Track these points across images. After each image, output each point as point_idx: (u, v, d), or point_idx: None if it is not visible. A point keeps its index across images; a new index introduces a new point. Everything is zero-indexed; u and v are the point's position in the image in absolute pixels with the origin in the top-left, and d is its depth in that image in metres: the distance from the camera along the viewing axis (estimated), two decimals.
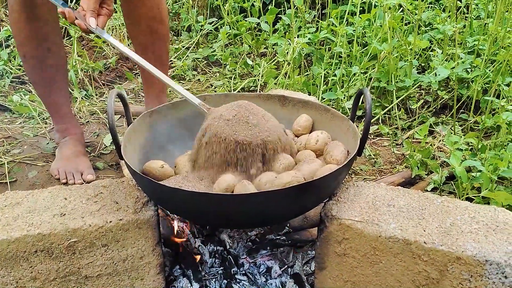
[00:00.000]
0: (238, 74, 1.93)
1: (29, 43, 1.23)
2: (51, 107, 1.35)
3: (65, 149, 1.35)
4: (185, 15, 2.24)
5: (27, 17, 1.19)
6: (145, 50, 1.40)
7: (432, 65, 1.57)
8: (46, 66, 1.26)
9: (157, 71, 1.01)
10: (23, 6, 1.17)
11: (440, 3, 2.00)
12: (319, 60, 1.83)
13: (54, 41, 1.26)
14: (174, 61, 2.01)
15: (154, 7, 1.33)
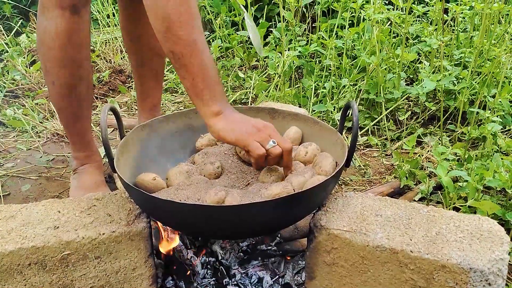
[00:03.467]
0: (230, 86, 1.96)
1: (61, 70, 1.14)
2: (74, 135, 1.26)
3: (84, 178, 1.26)
4: None
5: (68, 43, 1.11)
6: (142, 65, 1.42)
7: (420, 77, 1.60)
8: (76, 94, 1.18)
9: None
10: (68, 32, 1.10)
11: (427, 16, 2.04)
12: (309, 72, 1.86)
13: (86, 67, 1.19)
14: (167, 74, 2.03)
15: (154, 35, 1.36)
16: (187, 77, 0.88)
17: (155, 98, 1.48)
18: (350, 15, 1.80)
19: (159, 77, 1.47)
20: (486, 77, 1.47)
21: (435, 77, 1.35)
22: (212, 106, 0.89)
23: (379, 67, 1.61)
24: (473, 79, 1.60)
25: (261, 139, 0.90)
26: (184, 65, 0.87)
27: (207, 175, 1.05)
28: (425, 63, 1.70)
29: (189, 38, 0.86)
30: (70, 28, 1.09)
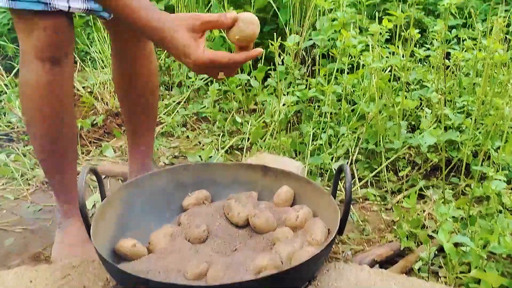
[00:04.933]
0: (227, 131, 1.91)
1: (42, 122, 1.10)
2: (58, 188, 1.19)
3: (69, 234, 1.18)
4: (177, 71, 2.25)
5: (49, 94, 1.07)
6: (134, 103, 1.38)
7: (422, 127, 1.54)
8: (58, 146, 1.13)
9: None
10: (48, 84, 1.06)
11: (429, 59, 2.00)
12: (308, 118, 1.81)
13: (69, 118, 1.14)
14: (163, 117, 1.99)
15: (146, 77, 1.33)
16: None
17: (147, 150, 1.43)
18: (350, 59, 1.76)
19: (152, 116, 1.42)
20: (490, 128, 1.41)
21: (435, 132, 1.29)
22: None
23: (379, 115, 1.56)
24: (476, 129, 1.54)
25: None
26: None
27: (192, 239, 0.99)
28: (426, 111, 1.65)
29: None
30: (51, 79, 1.06)
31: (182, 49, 0.84)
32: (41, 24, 1.02)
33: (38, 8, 0.98)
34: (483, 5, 2.36)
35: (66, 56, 1.08)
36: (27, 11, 0.99)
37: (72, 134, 1.17)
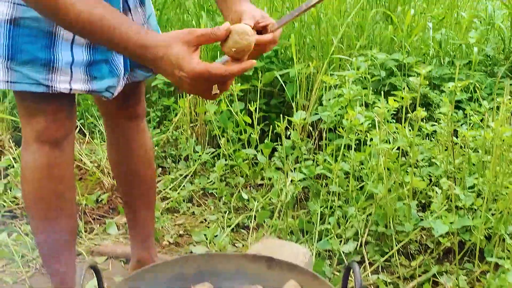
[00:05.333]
0: (233, 207, 1.88)
1: (39, 203, 1.09)
2: (54, 273, 1.16)
3: None
4: (184, 144, 2.25)
5: (47, 176, 1.07)
6: (133, 194, 1.37)
7: (432, 208, 1.51)
8: (56, 229, 1.12)
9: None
10: (47, 166, 1.06)
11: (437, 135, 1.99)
12: (315, 195, 1.78)
13: (69, 200, 1.13)
14: (169, 192, 1.97)
15: (142, 152, 1.32)
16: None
17: (148, 229, 1.40)
18: (357, 135, 1.76)
19: (150, 205, 1.40)
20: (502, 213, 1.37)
21: (447, 219, 1.25)
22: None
23: (388, 195, 1.53)
24: (488, 210, 1.50)
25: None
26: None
27: None
28: (436, 191, 1.61)
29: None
30: (50, 162, 1.06)
31: (176, 62, 0.79)
32: (42, 107, 1.02)
33: (39, 91, 0.98)
34: (488, 80, 2.38)
35: (66, 137, 1.08)
36: (29, 94, 0.99)
37: (71, 216, 1.16)
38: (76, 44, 0.99)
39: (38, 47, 0.95)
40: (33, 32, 0.95)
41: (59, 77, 0.98)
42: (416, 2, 2.72)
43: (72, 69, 0.99)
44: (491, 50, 2.59)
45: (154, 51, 0.80)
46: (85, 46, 1.00)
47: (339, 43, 2.46)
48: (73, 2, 0.78)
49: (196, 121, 2.39)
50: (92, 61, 1.01)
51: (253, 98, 2.40)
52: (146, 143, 1.33)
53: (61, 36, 0.96)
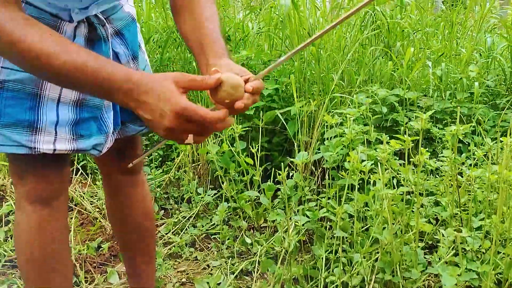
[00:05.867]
0: (237, 251, 1.85)
1: (31, 264, 1.07)
2: None
3: None
4: (186, 186, 2.24)
5: (39, 236, 1.05)
6: (132, 247, 1.35)
7: (440, 253, 1.47)
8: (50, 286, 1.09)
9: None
10: (39, 225, 1.04)
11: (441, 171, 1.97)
12: (319, 238, 1.75)
13: (63, 259, 1.11)
14: (172, 237, 1.94)
15: (139, 205, 1.31)
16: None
17: (149, 281, 1.38)
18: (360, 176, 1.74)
19: (151, 259, 1.38)
20: None
21: (454, 271, 1.22)
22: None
23: (394, 240, 1.50)
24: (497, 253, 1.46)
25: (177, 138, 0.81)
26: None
27: None
28: (443, 233, 1.58)
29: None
30: (41, 222, 1.04)
31: (162, 96, 0.76)
32: (30, 167, 1.01)
33: (22, 152, 0.96)
34: (492, 113, 2.37)
35: (58, 196, 1.06)
36: (16, 155, 0.98)
37: (65, 280, 1.13)
38: (62, 103, 0.98)
39: (22, 109, 0.94)
40: (17, 94, 0.94)
41: (43, 138, 0.96)
42: (415, 37, 2.73)
43: (57, 128, 0.97)
44: (492, 82, 2.59)
45: (141, 83, 0.78)
46: (71, 105, 0.99)
47: (339, 80, 2.47)
48: (54, 53, 0.77)
49: (198, 161, 2.39)
50: (79, 120, 1.00)
51: (255, 137, 2.40)
52: (144, 195, 1.31)
53: (46, 97, 0.96)
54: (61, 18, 0.93)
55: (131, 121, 1.13)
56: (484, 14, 2.82)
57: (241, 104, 0.81)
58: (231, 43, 2.85)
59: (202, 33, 0.95)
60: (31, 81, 0.93)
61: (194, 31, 0.97)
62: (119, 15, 1.07)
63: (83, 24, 0.97)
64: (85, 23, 0.97)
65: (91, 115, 1.01)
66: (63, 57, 0.77)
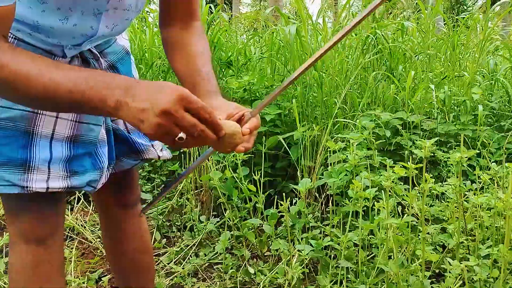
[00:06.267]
0: (240, 281, 1.81)
1: None
2: None
3: None
4: (189, 213, 2.22)
5: (33, 275, 1.02)
6: (129, 283, 1.32)
7: (447, 284, 1.43)
8: None
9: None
10: (33, 264, 1.01)
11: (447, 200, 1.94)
12: (324, 268, 1.72)
13: None
14: (174, 267, 1.91)
15: (137, 238, 1.29)
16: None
17: None
18: (364, 204, 1.72)
19: (148, 286, 1.35)
20: None
21: None
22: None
23: (399, 272, 1.46)
24: (506, 282, 1.42)
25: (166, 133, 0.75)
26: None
27: None
28: (450, 262, 1.54)
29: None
30: (35, 261, 1.01)
31: (158, 86, 0.74)
32: (24, 206, 0.99)
33: (14, 192, 0.94)
34: (496, 135, 2.35)
35: (52, 235, 1.03)
36: (9, 194, 0.96)
37: None
38: (56, 139, 0.96)
39: (14, 147, 0.92)
40: (9, 133, 0.92)
41: (36, 176, 0.94)
42: (417, 59, 2.73)
43: (50, 166, 0.95)
44: (496, 104, 2.57)
45: (142, 81, 0.76)
46: (65, 142, 0.97)
47: (342, 104, 2.46)
48: (47, 67, 0.76)
49: (201, 187, 2.37)
50: (73, 156, 0.98)
51: (258, 162, 2.38)
52: (141, 229, 1.29)
53: (39, 134, 0.94)
54: (54, 54, 0.92)
55: (126, 155, 1.11)
56: (486, 35, 2.82)
57: (242, 148, 0.80)
58: (233, 68, 2.86)
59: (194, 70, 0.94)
60: (23, 119, 0.92)
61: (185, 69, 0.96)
62: (113, 49, 1.07)
63: (77, 59, 0.97)
64: (79, 58, 0.97)
65: (85, 151, 1.00)
66: (55, 70, 0.76)
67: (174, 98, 0.73)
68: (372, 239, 1.74)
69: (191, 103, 0.75)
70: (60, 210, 1.05)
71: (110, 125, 1.05)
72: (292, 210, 1.96)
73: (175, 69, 1.00)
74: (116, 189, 1.20)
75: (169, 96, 0.73)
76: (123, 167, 1.14)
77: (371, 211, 1.76)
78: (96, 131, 1.00)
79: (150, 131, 0.74)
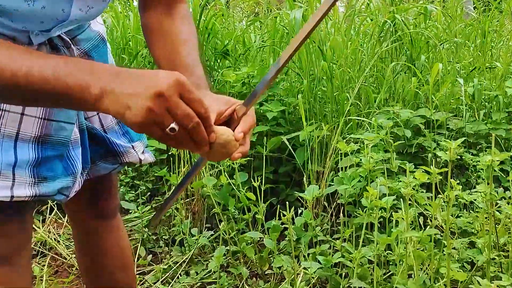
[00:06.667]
0: None
1: None
2: None
3: None
4: (179, 225, 2.21)
5: None
6: None
7: None
8: None
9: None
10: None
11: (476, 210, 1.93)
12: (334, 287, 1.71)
13: None
14: (160, 287, 1.91)
15: (116, 254, 1.29)
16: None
17: None
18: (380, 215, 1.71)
19: None
20: None
21: None
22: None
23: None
24: None
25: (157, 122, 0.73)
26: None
27: None
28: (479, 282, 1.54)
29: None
30: (0, 282, 1.00)
31: (149, 72, 0.74)
32: None
33: None
34: None
35: (19, 251, 1.02)
36: None
37: None
38: (22, 140, 0.94)
39: None
40: None
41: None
42: (442, 48, 2.72)
43: (15, 171, 0.93)
44: None
45: (131, 69, 0.76)
46: (32, 142, 0.95)
47: (355, 99, 2.46)
48: (22, 54, 0.75)
49: (193, 195, 2.37)
50: (41, 159, 0.96)
51: (258, 167, 2.38)
52: (121, 243, 1.29)
53: (2, 134, 0.92)
54: (19, 41, 0.92)
55: (103, 158, 1.11)
56: None
57: (238, 154, 0.79)
58: (230, 58, 2.86)
59: (176, 60, 0.93)
60: None
61: (167, 59, 0.95)
62: (86, 35, 1.06)
63: (45, 47, 0.96)
64: (47, 45, 0.96)
65: (56, 153, 0.98)
66: (26, 55, 0.76)
67: (170, 81, 0.72)
68: (389, 255, 1.73)
69: (189, 92, 0.74)
70: (28, 223, 1.04)
71: (84, 124, 1.05)
72: (297, 221, 1.96)
73: (156, 59, 1.00)
74: (91, 198, 1.19)
75: (165, 79, 0.72)
76: (99, 172, 1.13)
77: (388, 223, 1.75)
78: (68, 130, 0.99)
79: (138, 118, 0.72)
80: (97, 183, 1.16)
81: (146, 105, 0.71)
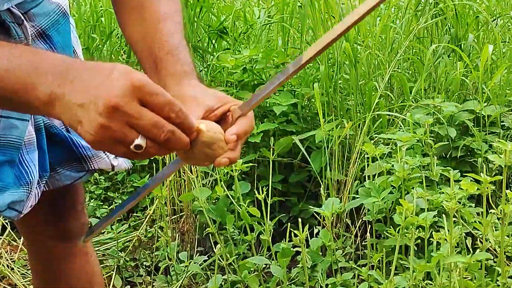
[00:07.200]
0: None
1: None
2: None
3: None
4: (164, 249, 2.21)
5: None
6: None
7: None
8: None
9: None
10: None
11: None
12: None
13: None
14: None
15: (83, 283, 1.31)
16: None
17: None
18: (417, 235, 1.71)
19: None
20: None
21: None
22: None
23: None
24: None
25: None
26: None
27: None
28: None
29: None
30: None
31: (104, 68, 0.72)
32: None
33: None
34: None
35: None
36: None
37: None
38: None
39: None
40: None
41: None
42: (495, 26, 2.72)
43: None
44: None
45: (81, 62, 0.78)
46: None
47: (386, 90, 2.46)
48: None
49: (181, 211, 2.38)
50: None
51: (263, 174, 2.39)
52: (89, 270, 1.30)
53: None
54: None
55: (65, 164, 1.10)
56: None
57: (224, 160, 0.79)
58: (228, 38, 2.87)
59: (155, 41, 0.93)
60: None
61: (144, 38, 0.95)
62: (43, 9, 1.04)
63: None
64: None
65: (5, 158, 0.97)
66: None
67: (124, 87, 0.69)
68: (429, 286, 1.74)
69: (151, 94, 0.71)
70: None
71: (41, 121, 1.04)
72: (312, 244, 1.97)
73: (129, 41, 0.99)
74: (52, 214, 1.20)
75: (117, 85, 0.69)
76: (61, 181, 1.12)
77: (427, 245, 1.76)
78: (20, 128, 0.98)
79: (92, 137, 0.69)
80: (58, 195, 1.17)
81: (98, 122, 0.69)
